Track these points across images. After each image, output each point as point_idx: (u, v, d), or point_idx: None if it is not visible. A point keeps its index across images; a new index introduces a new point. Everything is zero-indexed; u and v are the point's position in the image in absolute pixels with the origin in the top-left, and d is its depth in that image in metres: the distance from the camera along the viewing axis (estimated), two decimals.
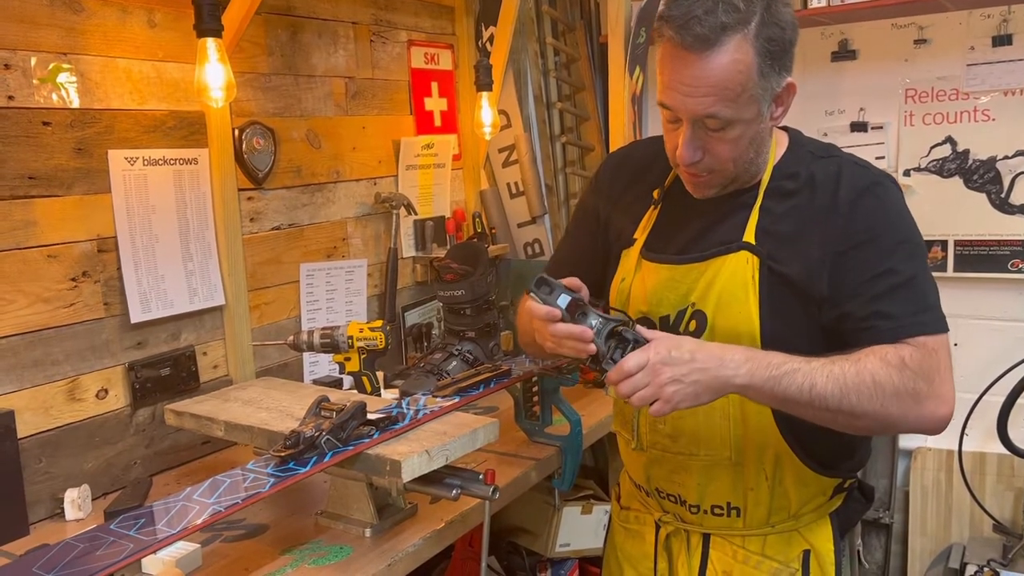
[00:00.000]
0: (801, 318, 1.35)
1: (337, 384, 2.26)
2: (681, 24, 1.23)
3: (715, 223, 1.42)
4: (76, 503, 1.70)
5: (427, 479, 1.49)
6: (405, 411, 1.60)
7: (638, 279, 1.48)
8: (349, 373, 2.03)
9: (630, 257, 1.50)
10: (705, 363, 1.23)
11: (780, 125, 1.43)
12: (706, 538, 1.50)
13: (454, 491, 1.51)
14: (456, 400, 1.68)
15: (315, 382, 2.30)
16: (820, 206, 1.35)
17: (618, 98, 2.50)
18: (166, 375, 1.94)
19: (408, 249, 2.67)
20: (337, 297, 2.40)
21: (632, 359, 1.23)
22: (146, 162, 1.88)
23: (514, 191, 3.00)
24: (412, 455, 1.43)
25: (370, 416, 1.51)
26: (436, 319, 2.73)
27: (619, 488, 1.71)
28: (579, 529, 2.49)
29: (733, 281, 1.36)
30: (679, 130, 1.34)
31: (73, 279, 1.76)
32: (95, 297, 1.80)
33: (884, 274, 1.30)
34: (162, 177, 1.92)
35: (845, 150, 1.47)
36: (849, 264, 1.32)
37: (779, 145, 1.43)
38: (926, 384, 1.24)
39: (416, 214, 2.61)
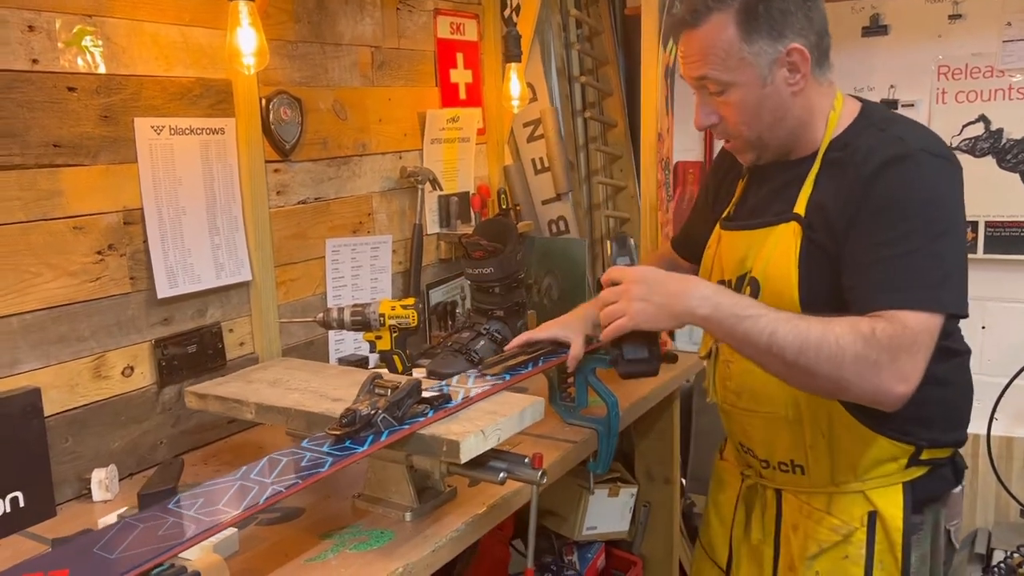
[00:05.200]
0: (837, 288, 1.38)
1: (363, 363, 2.20)
2: (684, 6, 1.46)
3: (777, 192, 1.50)
4: (104, 484, 1.64)
5: (473, 462, 1.44)
6: (457, 389, 1.55)
7: (718, 247, 1.61)
8: (380, 352, 1.97)
9: (717, 226, 1.64)
10: (673, 289, 1.37)
11: (819, 92, 1.47)
12: (779, 495, 1.58)
13: (501, 475, 1.45)
14: (506, 379, 1.63)
15: (340, 360, 2.24)
16: (851, 177, 1.39)
17: (651, 71, 2.42)
18: (192, 352, 1.88)
19: (432, 225, 2.60)
20: (362, 274, 2.34)
21: (616, 270, 1.43)
22: (173, 131, 1.81)
23: (539, 167, 2.93)
24: (468, 435, 1.38)
25: (424, 394, 1.47)
26: (460, 297, 2.67)
27: (724, 443, 1.83)
28: (606, 512, 2.45)
29: (779, 250, 1.44)
30: None
31: (99, 252, 1.69)
32: (121, 271, 1.74)
33: (884, 244, 1.32)
34: (189, 147, 1.85)
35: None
36: (857, 235, 1.35)
37: (844, 116, 1.48)
38: (889, 357, 1.25)
39: (441, 189, 2.54)
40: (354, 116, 2.31)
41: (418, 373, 2.15)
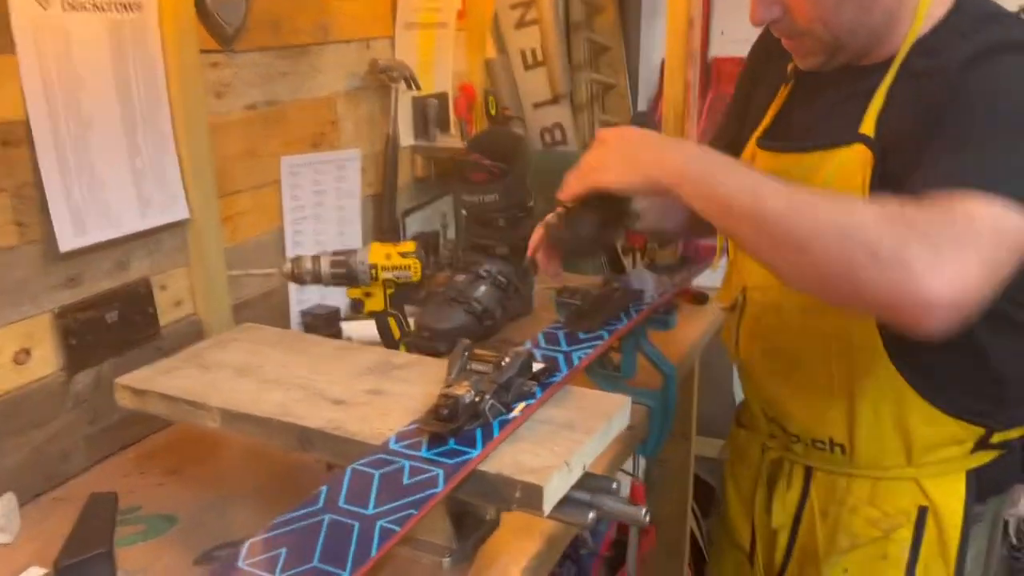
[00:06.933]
0: None
1: (334, 316, 1.72)
2: None
3: (837, 105, 1.20)
4: None
5: None
6: (551, 353, 1.21)
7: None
8: (370, 313, 1.50)
9: (751, 142, 1.33)
10: (651, 143, 1.10)
11: None
12: (808, 472, 1.36)
13: (590, 515, 1.04)
14: (606, 339, 1.27)
15: (303, 315, 1.75)
16: (937, 85, 1.06)
17: None
18: (112, 322, 1.36)
19: (406, 136, 2.08)
20: (326, 201, 1.82)
21: (604, 130, 1.17)
22: (66, 6, 1.24)
23: (530, 61, 2.41)
24: (551, 472, 0.95)
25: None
26: (441, 226, 2.18)
27: (740, 406, 1.57)
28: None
29: (842, 181, 1.14)
30: None
31: None
32: (2, 215, 1.19)
33: (965, 140, 0.99)
34: (92, 31, 1.28)
35: None
36: (935, 139, 1.02)
37: (937, 7, 1.13)
38: (919, 241, 0.87)
39: (419, 89, 2.01)
40: None
41: None
